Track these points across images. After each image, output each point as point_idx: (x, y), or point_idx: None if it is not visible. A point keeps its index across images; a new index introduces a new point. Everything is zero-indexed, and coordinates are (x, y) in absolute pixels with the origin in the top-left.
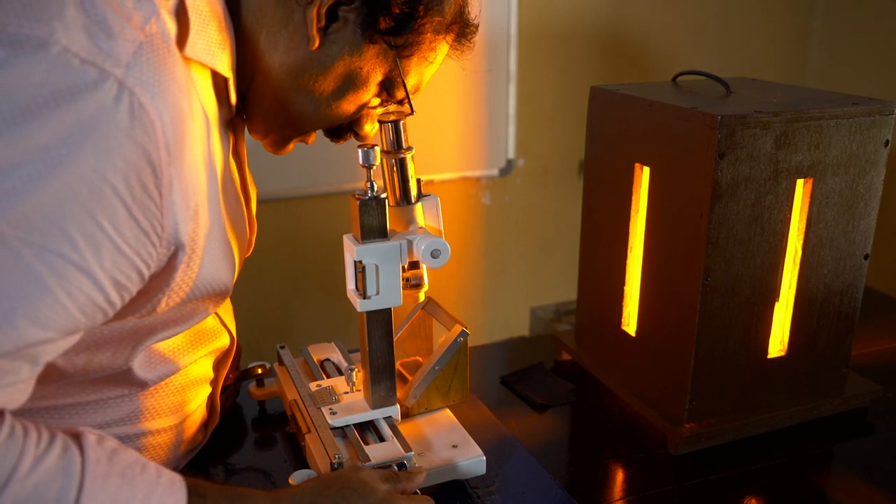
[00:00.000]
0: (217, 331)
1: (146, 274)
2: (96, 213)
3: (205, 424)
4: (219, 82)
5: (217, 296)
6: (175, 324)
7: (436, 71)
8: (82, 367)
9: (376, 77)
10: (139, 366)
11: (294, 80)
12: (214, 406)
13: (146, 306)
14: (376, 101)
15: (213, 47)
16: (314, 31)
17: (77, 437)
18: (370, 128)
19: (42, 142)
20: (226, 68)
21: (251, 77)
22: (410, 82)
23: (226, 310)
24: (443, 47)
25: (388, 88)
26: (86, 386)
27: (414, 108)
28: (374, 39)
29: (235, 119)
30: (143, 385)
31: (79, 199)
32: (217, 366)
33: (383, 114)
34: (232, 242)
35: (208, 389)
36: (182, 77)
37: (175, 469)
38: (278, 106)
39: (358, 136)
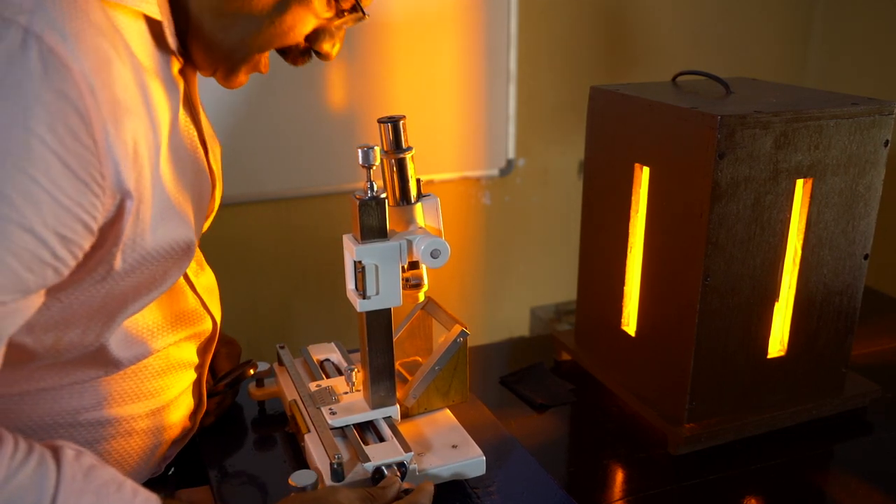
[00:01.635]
0: (198, 314)
1: (93, 226)
2: (27, 168)
3: (193, 413)
4: (155, 28)
5: (178, 256)
6: (141, 292)
7: None
8: (52, 346)
9: None
10: (115, 344)
11: (229, 3)
12: (202, 394)
13: (102, 265)
14: (326, 11)
15: None
16: None
17: (55, 451)
18: (329, 45)
19: None
20: (155, 11)
21: (187, 13)
22: None
23: (210, 293)
24: None
25: None
26: (59, 368)
27: (366, 12)
28: None
29: (185, 68)
30: (117, 365)
31: (6, 156)
32: (201, 351)
33: (382, 117)
34: (186, 196)
35: (192, 375)
36: (99, 20)
37: (164, 458)
38: (219, 33)
39: (319, 55)
